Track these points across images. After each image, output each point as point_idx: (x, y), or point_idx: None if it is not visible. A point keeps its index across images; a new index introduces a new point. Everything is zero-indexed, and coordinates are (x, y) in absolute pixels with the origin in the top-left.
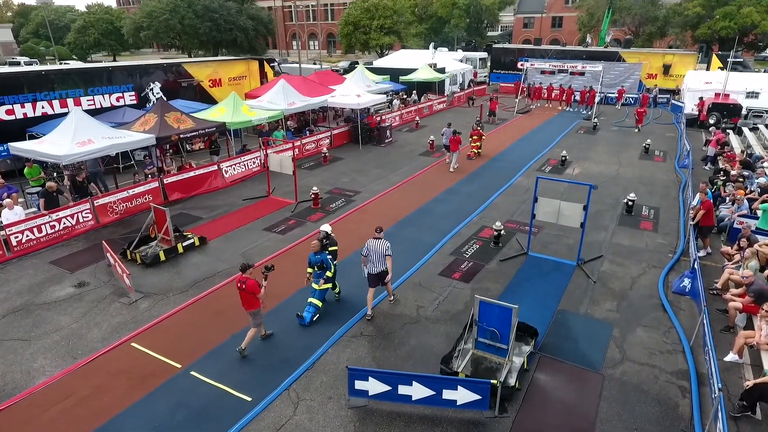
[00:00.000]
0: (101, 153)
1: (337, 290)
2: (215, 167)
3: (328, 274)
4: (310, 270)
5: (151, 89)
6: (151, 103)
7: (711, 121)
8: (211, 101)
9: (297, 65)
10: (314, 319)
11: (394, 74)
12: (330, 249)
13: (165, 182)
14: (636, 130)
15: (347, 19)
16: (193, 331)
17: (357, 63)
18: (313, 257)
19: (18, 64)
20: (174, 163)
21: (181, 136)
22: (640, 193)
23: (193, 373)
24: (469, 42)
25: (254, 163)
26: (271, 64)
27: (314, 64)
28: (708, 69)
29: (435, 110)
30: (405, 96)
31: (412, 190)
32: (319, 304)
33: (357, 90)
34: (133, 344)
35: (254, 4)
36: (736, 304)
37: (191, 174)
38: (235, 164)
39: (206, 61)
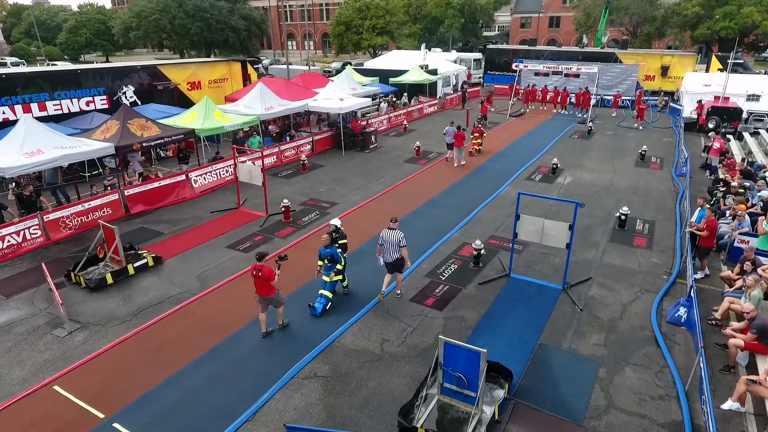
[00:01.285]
0: (52, 164)
1: (345, 283)
2: (183, 177)
3: (339, 266)
4: (320, 263)
5: (124, 93)
6: None
7: (710, 126)
8: (189, 105)
9: (291, 65)
10: (326, 309)
11: (383, 76)
12: (340, 242)
13: (126, 194)
14: (638, 127)
15: (339, 19)
16: (126, 372)
17: (350, 64)
18: (323, 251)
19: (4, 64)
20: (137, 172)
21: (145, 144)
22: (635, 204)
23: (116, 425)
24: (466, 42)
25: (227, 171)
26: (255, 66)
27: (306, 65)
28: (707, 70)
29: (426, 113)
30: (394, 99)
31: (393, 201)
32: (330, 295)
33: (340, 93)
34: (55, 387)
35: (247, 4)
36: (737, 342)
37: (156, 184)
38: (205, 173)
39: (184, 62)
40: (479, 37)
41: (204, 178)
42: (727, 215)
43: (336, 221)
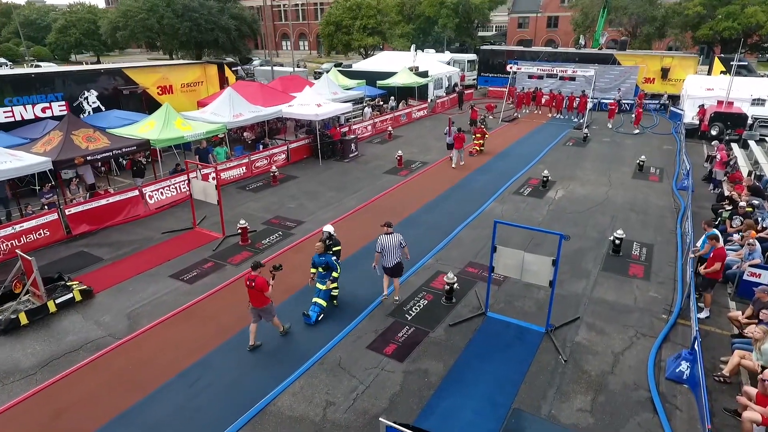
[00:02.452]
0: None
1: (336, 293)
2: (136, 192)
3: (335, 274)
4: (313, 270)
5: (86, 98)
6: (86, 113)
7: (713, 132)
8: None
9: (282, 67)
10: (319, 318)
11: (371, 78)
12: (334, 249)
13: (68, 213)
14: (636, 131)
15: (328, 18)
16: None
17: (341, 64)
18: (317, 259)
19: None
20: (81, 189)
21: (89, 158)
22: (631, 223)
23: None
24: (463, 43)
25: (187, 185)
26: (233, 68)
27: (298, 66)
28: (709, 73)
29: (414, 118)
30: (381, 102)
31: (365, 219)
32: (324, 303)
33: (318, 98)
34: None
35: (238, 4)
36: (753, 416)
37: (104, 201)
38: (162, 188)
39: (153, 65)
40: (474, 37)
41: (161, 192)
42: (733, 239)
43: (329, 228)
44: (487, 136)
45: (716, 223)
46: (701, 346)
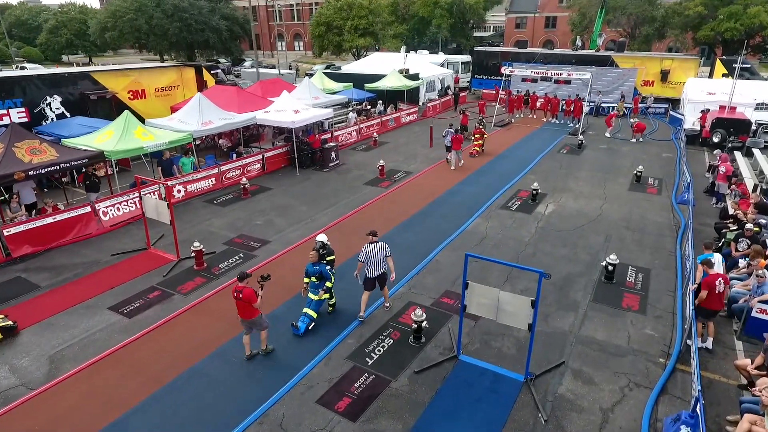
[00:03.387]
0: None
1: (332, 301)
2: (87, 208)
3: (328, 284)
4: (306, 280)
5: (48, 104)
6: (49, 120)
7: (715, 140)
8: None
9: (273, 69)
10: (309, 329)
11: (360, 81)
12: (327, 259)
13: (6, 233)
14: (634, 140)
15: (319, 19)
16: None
17: (333, 65)
18: (310, 268)
19: None
20: (23, 205)
21: (32, 172)
22: (627, 243)
23: None
24: (459, 44)
25: None
26: (213, 71)
27: (290, 67)
28: (711, 76)
29: (403, 123)
30: (368, 107)
31: (336, 238)
32: (314, 315)
33: (296, 104)
34: None
35: (230, 4)
36: None
37: (50, 220)
38: (120, 203)
39: (123, 69)
40: (470, 38)
41: (117, 208)
42: (740, 265)
43: (322, 236)
44: (486, 136)
45: (720, 244)
46: (703, 404)
